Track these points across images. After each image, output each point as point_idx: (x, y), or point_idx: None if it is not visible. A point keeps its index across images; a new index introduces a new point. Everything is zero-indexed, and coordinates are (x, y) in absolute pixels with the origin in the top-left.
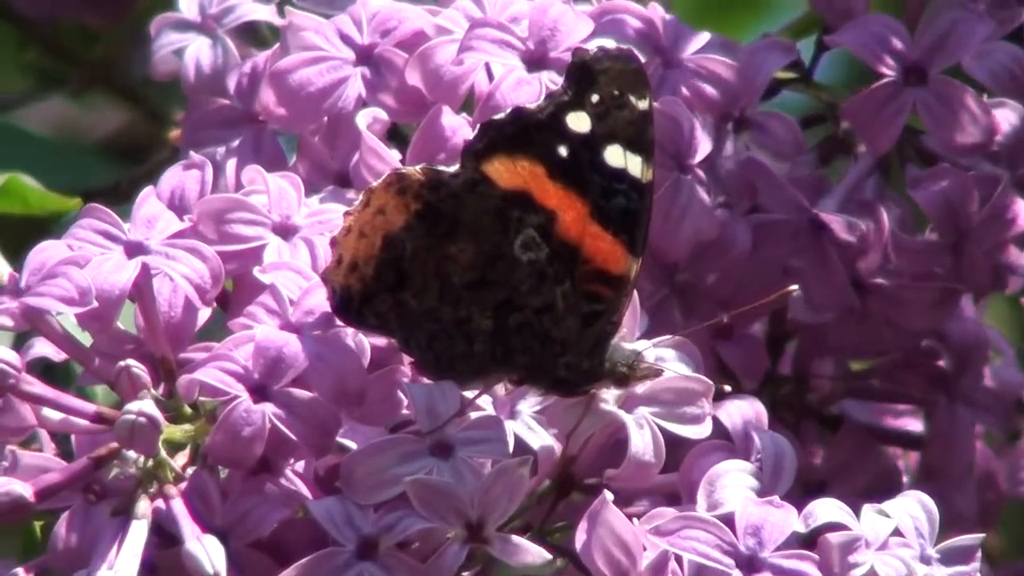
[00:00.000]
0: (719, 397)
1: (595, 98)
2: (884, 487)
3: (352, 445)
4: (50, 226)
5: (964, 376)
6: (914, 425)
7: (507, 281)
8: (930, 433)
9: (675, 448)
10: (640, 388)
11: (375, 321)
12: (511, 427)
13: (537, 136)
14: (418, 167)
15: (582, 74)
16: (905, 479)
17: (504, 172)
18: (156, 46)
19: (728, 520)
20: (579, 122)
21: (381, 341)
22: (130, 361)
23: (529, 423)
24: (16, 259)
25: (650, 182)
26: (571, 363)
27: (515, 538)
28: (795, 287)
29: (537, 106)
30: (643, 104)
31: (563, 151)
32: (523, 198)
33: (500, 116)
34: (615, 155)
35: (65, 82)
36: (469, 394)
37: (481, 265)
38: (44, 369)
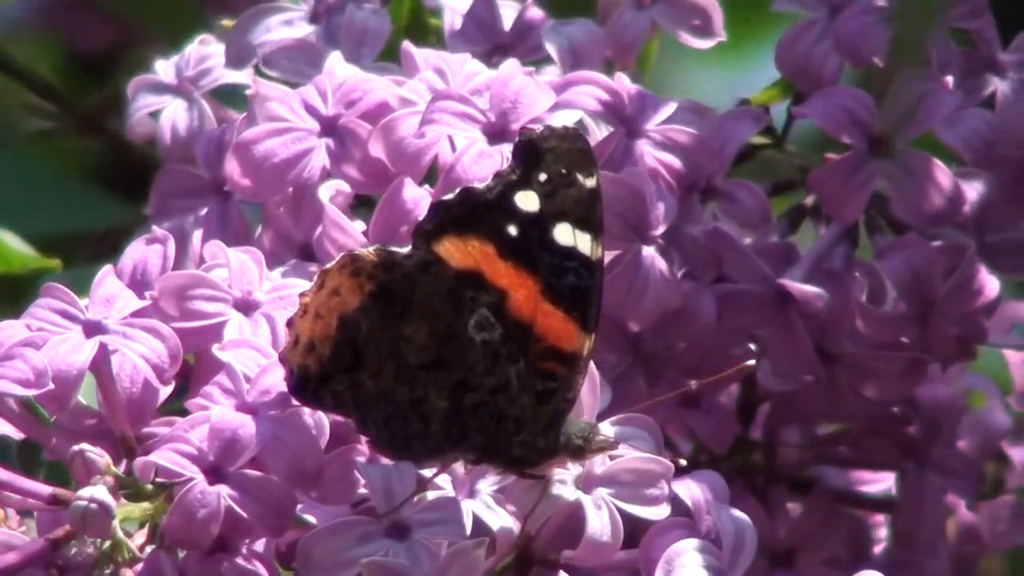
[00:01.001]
0: (677, 472)
1: (543, 177)
2: (855, 554)
3: (312, 520)
4: (32, 284)
5: (934, 442)
6: (891, 479)
7: (462, 361)
8: (900, 500)
9: (636, 525)
10: (599, 469)
11: (331, 401)
12: (470, 506)
13: (486, 216)
14: (371, 248)
15: (529, 153)
16: (884, 533)
17: (455, 252)
18: (132, 108)
19: None
20: (528, 201)
21: (339, 418)
22: (84, 445)
23: (488, 502)
24: None
25: (599, 259)
26: (526, 441)
27: None
28: (752, 362)
29: (485, 186)
30: (591, 182)
31: (512, 230)
32: (475, 278)
33: (449, 196)
34: (564, 233)
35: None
36: (428, 473)
37: (436, 345)
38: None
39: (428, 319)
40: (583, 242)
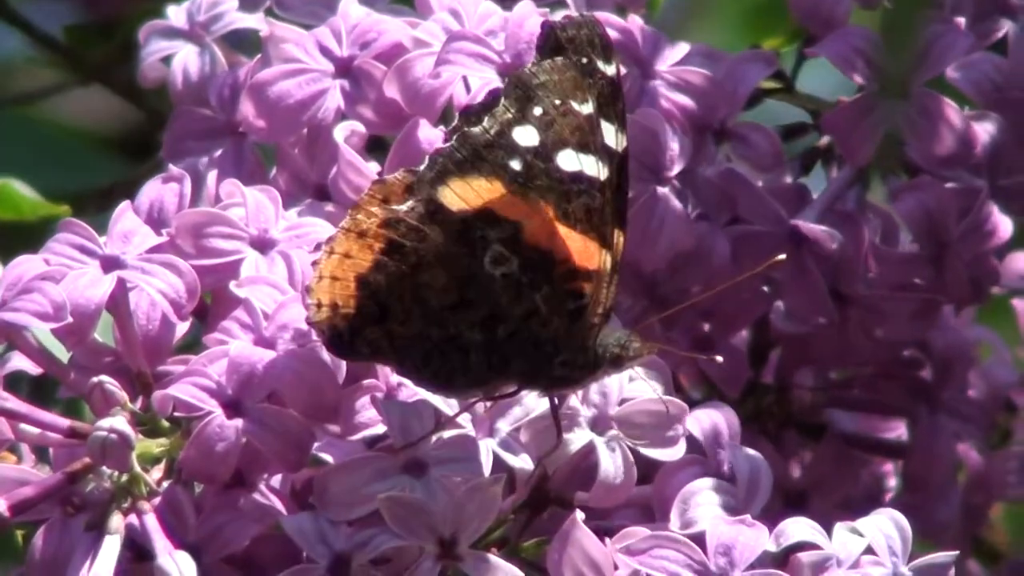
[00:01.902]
0: (690, 404)
1: (538, 111)
2: (866, 498)
3: (328, 459)
4: (42, 231)
5: (946, 386)
6: (903, 428)
7: (486, 297)
8: (911, 444)
9: (650, 462)
10: (613, 410)
11: (368, 351)
12: (488, 445)
13: (488, 155)
14: (372, 206)
15: (521, 91)
16: (894, 483)
17: (461, 194)
18: (144, 53)
19: (699, 539)
20: (527, 136)
21: None
22: (103, 377)
23: (507, 441)
24: (7, 262)
25: (608, 178)
26: (567, 360)
27: (488, 556)
28: (783, 256)
29: (482, 127)
30: (586, 109)
31: (516, 164)
32: (486, 215)
33: (444, 144)
34: (568, 160)
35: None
36: (447, 411)
37: (457, 287)
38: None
39: (443, 264)
40: (588, 164)
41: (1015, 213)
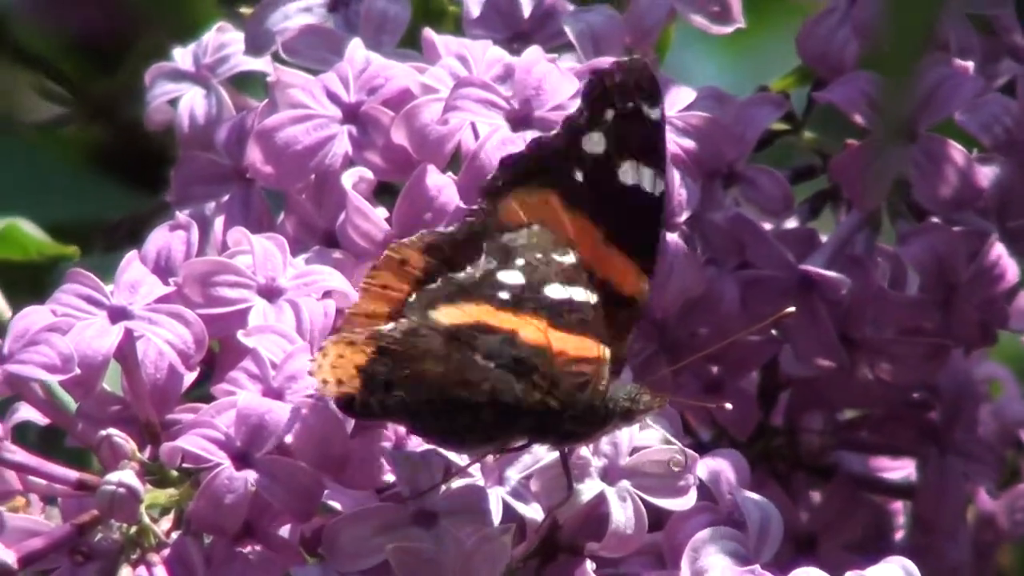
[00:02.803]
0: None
1: (520, 262)
2: (876, 538)
3: (337, 507)
4: (49, 271)
5: (955, 427)
6: (911, 467)
7: (485, 379)
8: (920, 485)
9: (661, 509)
10: (624, 460)
11: (380, 412)
12: (498, 493)
13: (475, 290)
14: (357, 332)
15: (502, 253)
16: (903, 521)
17: (451, 315)
18: (150, 96)
19: None
20: (512, 277)
21: None
22: (111, 430)
23: (517, 490)
24: (15, 302)
25: (598, 302)
26: (576, 416)
27: None
28: (791, 308)
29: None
30: (569, 259)
31: (504, 295)
32: (478, 327)
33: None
34: (556, 290)
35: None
36: (456, 460)
37: (455, 374)
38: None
39: (437, 359)
40: (577, 293)
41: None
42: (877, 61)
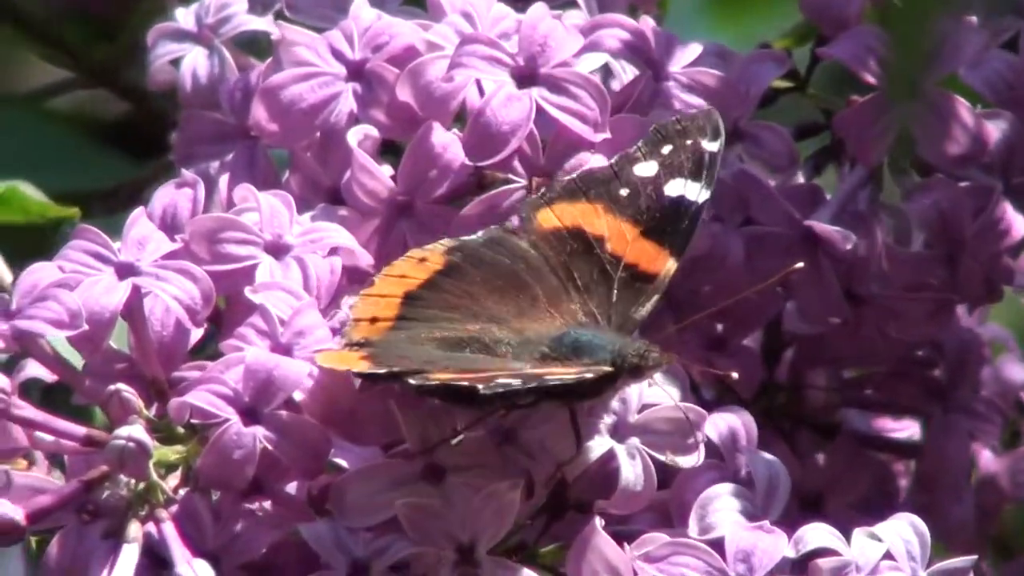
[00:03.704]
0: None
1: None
2: (881, 497)
3: (345, 464)
4: (51, 234)
5: (959, 386)
6: (915, 427)
7: None
8: (925, 444)
9: (668, 467)
10: (633, 418)
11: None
12: (507, 450)
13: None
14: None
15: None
16: (905, 483)
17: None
18: (153, 56)
19: (718, 545)
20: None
21: None
22: (120, 385)
23: (525, 447)
24: (17, 265)
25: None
26: None
27: (506, 561)
28: (800, 264)
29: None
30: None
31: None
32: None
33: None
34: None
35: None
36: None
37: None
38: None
39: None
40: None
41: None
42: (888, 17)
